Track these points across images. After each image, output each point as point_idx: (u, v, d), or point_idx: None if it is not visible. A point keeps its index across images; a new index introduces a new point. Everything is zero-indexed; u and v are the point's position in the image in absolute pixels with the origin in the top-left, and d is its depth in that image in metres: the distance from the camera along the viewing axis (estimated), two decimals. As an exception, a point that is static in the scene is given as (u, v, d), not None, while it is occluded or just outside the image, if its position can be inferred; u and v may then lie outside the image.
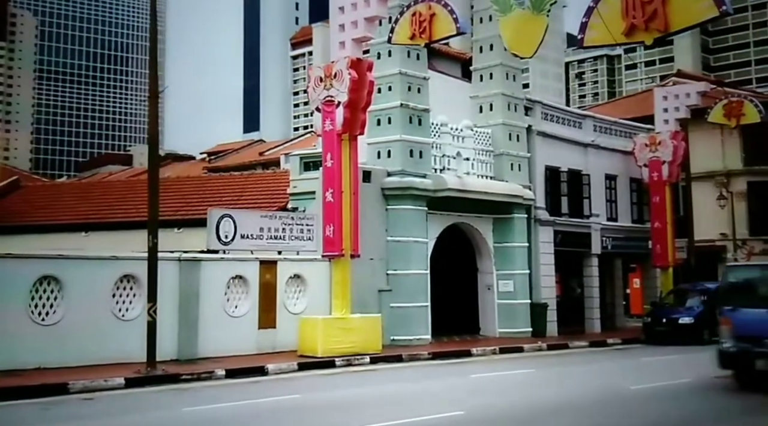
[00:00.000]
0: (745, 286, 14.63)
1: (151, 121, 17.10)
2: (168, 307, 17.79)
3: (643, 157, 31.92)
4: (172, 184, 29.89)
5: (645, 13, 15.25)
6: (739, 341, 13.54)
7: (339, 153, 20.11)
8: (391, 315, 22.59)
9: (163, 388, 14.83)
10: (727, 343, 13.79)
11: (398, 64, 23.78)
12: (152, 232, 16.35)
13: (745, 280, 14.82)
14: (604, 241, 31.50)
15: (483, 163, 26.65)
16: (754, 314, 13.61)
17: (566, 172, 30.01)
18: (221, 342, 18.92)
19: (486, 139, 26.91)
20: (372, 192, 23.04)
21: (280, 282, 20.59)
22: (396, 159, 23.72)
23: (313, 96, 20.64)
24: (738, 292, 14.55)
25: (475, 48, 28.36)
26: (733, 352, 13.63)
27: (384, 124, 23.92)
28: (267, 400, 13.37)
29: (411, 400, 13.34)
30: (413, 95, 24.09)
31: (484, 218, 26.67)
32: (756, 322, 13.47)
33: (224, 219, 20.00)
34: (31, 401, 13.03)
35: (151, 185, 16.68)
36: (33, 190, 31.97)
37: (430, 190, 23.89)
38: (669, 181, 31.62)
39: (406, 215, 23.56)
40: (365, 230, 21.44)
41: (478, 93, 27.74)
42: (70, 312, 16.67)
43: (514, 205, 26.87)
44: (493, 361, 20.65)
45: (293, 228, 21.39)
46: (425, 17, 18.94)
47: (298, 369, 17.74)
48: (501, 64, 27.21)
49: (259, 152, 46.56)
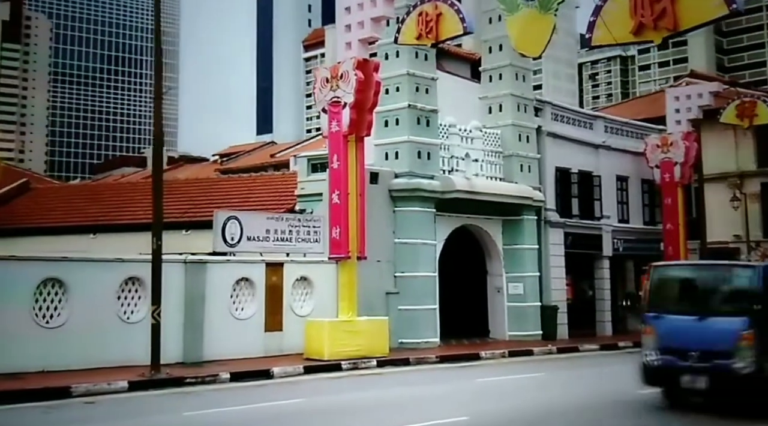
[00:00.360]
0: (672, 288, 12.89)
1: (155, 122, 17.00)
2: (173, 309, 17.69)
3: (654, 158, 31.62)
4: (181, 186, 29.82)
5: (654, 12, 15.01)
6: (663, 353, 11.86)
7: (345, 154, 19.97)
8: (399, 318, 22.41)
9: (167, 392, 14.72)
10: (651, 355, 12.09)
11: (406, 65, 23.62)
12: (156, 234, 16.26)
13: (673, 282, 13.05)
14: (615, 243, 31.22)
15: (492, 165, 26.45)
16: (681, 322, 11.88)
17: (577, 174, 29.77)
18: (227, 345, 18.79)
19: (495, 140, 26.71)
20: (379, 194, 22.88)
21: (286, 284, 20.45)
22: (404, 160, 23.54)
23: (320, 97, 20.52)
24: (664, 295, 12.68)
25: (484, 48, 28.16)
26: (657, 366, 11.99)
27: (392, 125, 23.75)
28: (270, 405, 13.24)
29: (415, 405, 13.18)
30: (421, 96, 23.92)
31: (494, 220, 26.45)
32: (682, 331, 11.79)
33: (230, 221, 19.88)
34: (33, 405, 12.94)
35: (155, 187, 16.59)
36: (42, 192, 31.97)
37: (438, 191, 23.71)
38: (681, 182, 31.31)
39: (414, 217, 23.38)
40: (372, 232, 21.26)
41: (488, 94, 27.53)
42: (75, 314, 16.59)
43: (524, 206, 26.64)
44: (501, 365, 20.45)
45: (300, 230, 21.24)
46: (432, 17, 18.78)
47: (303, 372, 17.59)
48: (510, 65, 27.00)
49: (270, 154, 46.46)
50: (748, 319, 11.21)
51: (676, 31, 15.00)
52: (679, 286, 12.92)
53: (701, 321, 11.63)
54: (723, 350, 11.19)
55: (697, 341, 11.51)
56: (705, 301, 12.13)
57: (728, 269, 12.93)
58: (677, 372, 11.64)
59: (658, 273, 12.94)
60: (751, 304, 11.35)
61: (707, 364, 11.30)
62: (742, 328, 11.16)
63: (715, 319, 11.60)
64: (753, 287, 11.58)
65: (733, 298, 12.08)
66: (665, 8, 14.80)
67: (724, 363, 11.14)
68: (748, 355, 11.06)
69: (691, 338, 11.61)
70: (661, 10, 14.88)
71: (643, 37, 15.64)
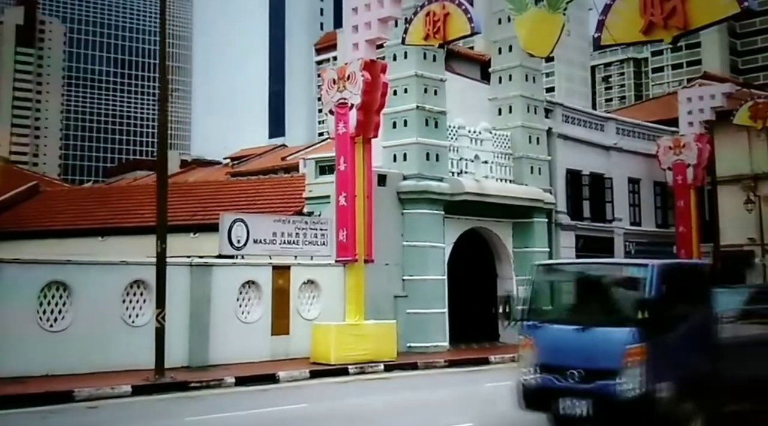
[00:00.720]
0: (555, 291, 10.83)
1: (160, 124, 16.89)
2: (179, 313, 17.55)
3: (667, 160, 31.31)
4: (189, 188, 29.76)
5: (664, 11, 14.72)
6: (543, 371, 9.73)
7: (352, 156, 19.78)
8: (408, 322, 22.20)
9: (170, 397, 14.58)
10: (529, 373, 9.91)
11: (414, 66, 23.43)
12: (161, 237, 16.12)
13: (557, 284, 10.83)
14: (627, 246, 30.92)
15: (502, 167, 26.22)
16: (562, 333, 9.73)
17: (588, 176, 29.52)
18: (233, 349, 18.63)
19: (505, 142, 26.48)
20: (387, 196, 22.69)
21: (293, 287, 20.29)
22: (412, 162, 23.35)
23: (327, 98, 20.34)
24: (546, 300, 10.68)
25: (493, 49, 27.94)
26: (535, 387, 9.85)
27: (400, 127, 23.57)
28: (274, 410, 13.10)
29: (420, 410, 12.99)
30: (430, 97, 23.72)
31: (504, 222, 26.21)
32: (563, 344, 9.66)
33: (236, 224, 19.75)
34: (34, 409, 12.85)
35: (159, 190, 16.48)
36: (51, 195, 32.00)
37: (446, 193, 23.50)
38: (694, 184, 30.99)
39: (423, 219, 23.17)
40: (380, 235, 21.06)
41: (497, 95, 27.31)
42: (79, 318, 16.46)
43: (534, 209, 26.39)
44: (511, 369, 20.02)
45: (307, 232, 21.09)
46: (439, 17, 18.57)
47: (310, 376, 17.43)
48: (520, 66, 26.76)
49: (281, 157, 46.44)
50: (637, 331, 9.03)
51: (687, 29, 14.71)
52: (563, 288, 10.85)
53: (584, 332, 9.46)
54: (606, 368, 9.10)
55: (579, 357, 9.41)
56: (590, 307, 10.21)
57: (617, 269, 11.04)
58: (556, 394, 9.53)
59: (541, 272, 10.73)
60: (641, 312, 9.14)
61: (589, 385, 9.22)
62: (629, 342, 9.01)
63: (599, 329, 9.44)
64: (644, 291, 9.37)
65: (622, 305, 9.95)
66: (675, 7, 14.51)
67: (607, 384, 9.06)
68: (635, 374, 8.94)
69: (572, 353, 9.48)
70: (671, 9, 14.58)
71: (653, 36, 15.35)
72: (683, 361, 9.43)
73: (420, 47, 21.94)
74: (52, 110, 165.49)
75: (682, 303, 9.73)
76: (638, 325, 9.04)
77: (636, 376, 8.95)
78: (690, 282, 10.23)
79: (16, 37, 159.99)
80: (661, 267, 9.47)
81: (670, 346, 9.26)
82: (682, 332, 9.50)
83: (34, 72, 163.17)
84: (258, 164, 46.75)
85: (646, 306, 9.18)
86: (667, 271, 9.56)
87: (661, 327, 9.17)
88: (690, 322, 9.67)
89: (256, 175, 36.33)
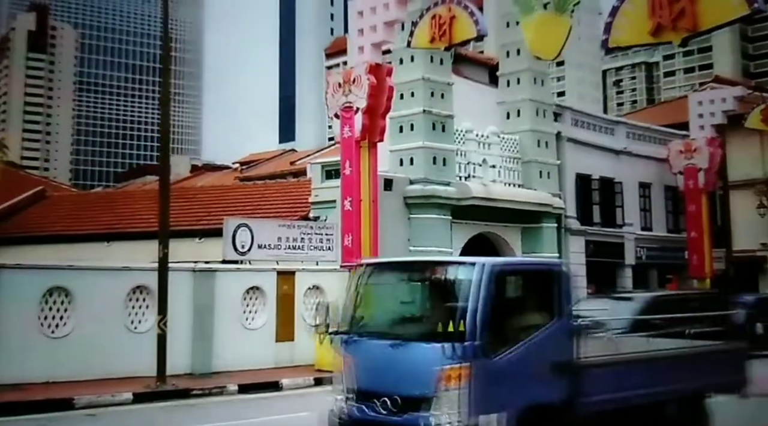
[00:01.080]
0: (376, 297, 8.73)
1: (162, 128, 16.74)
2: (182, 319, 17.32)
3: (678, 165, 31.01)
4: (196, 193, 29.66)
5: (672, 12, 14.47)
6: (357, 399, 7.92)
7: (358, 160, 19.61)
8: (414, 327, 21.91)
9: (171, 404, 14.36)
10: (339, 400, 8.16)
11: (421, 70, 23.24)
12: (163, 242, 15.95)
13: (377, 288, 8.71)
14: (638, 251, 30.60)
15: (510, 171, 25.99)
16: (375, 349, 7.86)
17: (598, 180, 29.26)
18: (237, 355, 18.39)
19: (513, 146, 26.24)
20: (394, 200, 22.47)
21: (298, 293, 20.04)
22: (419, 166, 23.14)
23: (332, 102, 20.21)
24: (365, 308, 8.58)
25: (501, 53, 27.74)
26: (344, 419, 8.03)
27: (406, 131, 23.37)
28: (276, 418, 12.88)
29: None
30: (437, 101, 23.52)
31: (512, 227, 25.95)
32: (374, 364, 7.86)
33: (241, 229, 19.57)
34: (33, 417, 12.66)
35: (162, 194, 16.33)
36: (57, 200, 31.93)
37: (454, 198, 23.26)
38: (705, 189, 30.68)
39: (430, 224, 22.94)
40: (387, 240, 20.82)
41: (506, 99, 27.10)
42: (81, 324, 16.25)
43: (543, 213, 26.14)
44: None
45: (312, 237, 20.89)
46: (445, 20, 18.39)
47: (314, 384, 17.15)
48: (528, 69, 26.53)
49: (290, 162, 46.31)
50: (457, 347, 7.07)
51: (696, 31, 14.45)
52: (387, 293, 8.84)
53: (398, 348, 7.58)
54: (417, 396, 7.31)
55: (391, 381, 7.60)
56: (408, 317, 8.43)
57: (441, 269, 8.42)
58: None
59: (365, 273, 8.70)
60: (462, 323, 7.17)
61: (396, 418, 7.43)
62: (444, 361, 7.10)
63: (414, 345, 7.55)
64: (467, 297, 7.37)
65: (440, 314, 7.61)
66: (684, 8, 14.26)
67: (418, 417, 7.26)
68: (452, 403, 7.11)
69: (385, 376, 7.68)
70: (680, 11, 14.33)
71: (661, 38, 15.10)
72: (524, 386, 7.54)
73: (427, 51, 21.75)
74: (63, 115, 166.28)
75: (526, 312, 8.13)
76: (459, 340, 7.08)
77: (453, 406, 7.10)
78: (537, 286, 8.29)
79: (28, 42, 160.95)
80: (494, 267, 7.55)
81: (505, 368, 7.36)
82: (525, 349, 7.58)
83: (45, 77, 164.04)
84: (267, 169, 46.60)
85: (470, 316, 7.21)
86: (502, 272, 7.71)
87: (493, 342, 7.29)
88: (537, 337, 7.76)
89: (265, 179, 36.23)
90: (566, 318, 8.10)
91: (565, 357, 7.94)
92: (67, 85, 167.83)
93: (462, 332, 7.10)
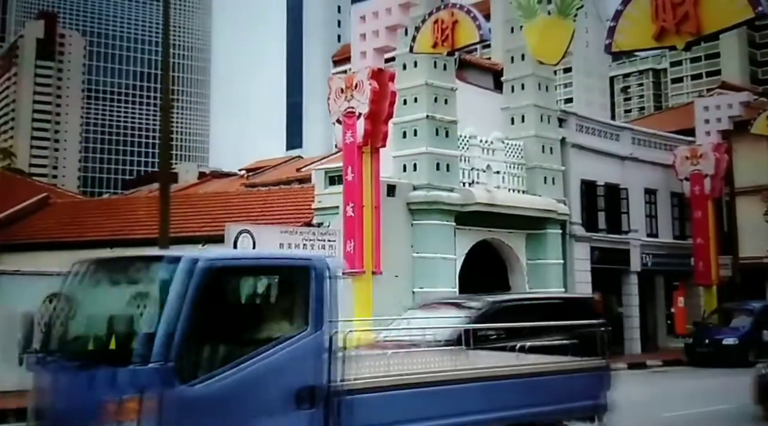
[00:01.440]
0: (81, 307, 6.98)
1: (163, 135, 16.69)
2: (182, 325, 17.23)
3: (684, 171, 30.81)
4: (200, 200, 29.57)
5: (676, 16, 14.39)
6: None
7: (360, 166, 19.51)
8: (418, 334, 21.76)
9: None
10: None
11: (424, 75, 23.14)
12: (163, 248, 15.87)
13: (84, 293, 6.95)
14: (644, 258, 30.36)
15: (514, 177, 25.85)
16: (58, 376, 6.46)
17: (603, 186, 29.08)
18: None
19: (518, 152, 26.10)
20: (397, 206, 22.35)
21: (300, 300, 19.91)
22: (422, 172, 23.03)
23: (334, 108, 20.12)
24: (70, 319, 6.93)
25: (506, 58, 27.61)
26: None
27: (410, 137, 23.28)
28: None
29: None
30: (440, 107, 23.41)
31: (516, 234, 25.79)
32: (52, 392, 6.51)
33: (242, 235, 19.44)
34: (30, 424, 12.55)
35: (162, 201, 16.30)
36: (61, 206, 31.84)
37: (457, 204, 23.15)
38: (712, 195, 30.46)
39: (433, 230, 22.81)
40: (389, 246, 20.72)
41: (510, 104, 26.97)
42: (81, 330, 16.19)
43: (548, 220, 25.98)
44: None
45: (315, 244, 20.75)
46: (448, 25, 18.32)
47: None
48: (533, 75, 26.39)
49: (296, 168, 46.29)
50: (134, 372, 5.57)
51: (700, 35, 14.38)
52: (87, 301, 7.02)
53: (75, 374, 6.08)
54: None
55: (61, 417, 6.16)
56: (97, 333, 6.62)
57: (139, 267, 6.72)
58: None
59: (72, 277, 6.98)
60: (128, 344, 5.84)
61: None
62: (114, 391, 5.58)
63: (89, 369, 5.98)
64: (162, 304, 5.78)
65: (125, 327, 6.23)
66: (688, 12, 14.18)
67: None
68: None
69: (59, 408, 6.25)
70: (684, 14, 14.26)
71: (665, 42, 15.04)
72: (246, 422, 5.96)
73: (430, 56, 21.70)
74: (71, 123, 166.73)
75: (261, 323, 6.58)
76: (142, 363, 5.54)
77: None
78: (283, 288, 6.81)
79: (37, 50, 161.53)
80: (209, 262, 5.99)
81: (216, 397, 5.80)
82: (251, 372, 5.98)
83: (53, 85, 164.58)
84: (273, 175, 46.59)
85: (161, 328, 5.61)
86: (222, 270, 6.18)
87: (199, 364, 5.81)
88: (271, 355, 6.15)
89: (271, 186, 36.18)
90: (322, 329, 6.42)
91: (316, 381, 6.31)
92: (76, 93, 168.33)
93: (145, 352, 5.54)
